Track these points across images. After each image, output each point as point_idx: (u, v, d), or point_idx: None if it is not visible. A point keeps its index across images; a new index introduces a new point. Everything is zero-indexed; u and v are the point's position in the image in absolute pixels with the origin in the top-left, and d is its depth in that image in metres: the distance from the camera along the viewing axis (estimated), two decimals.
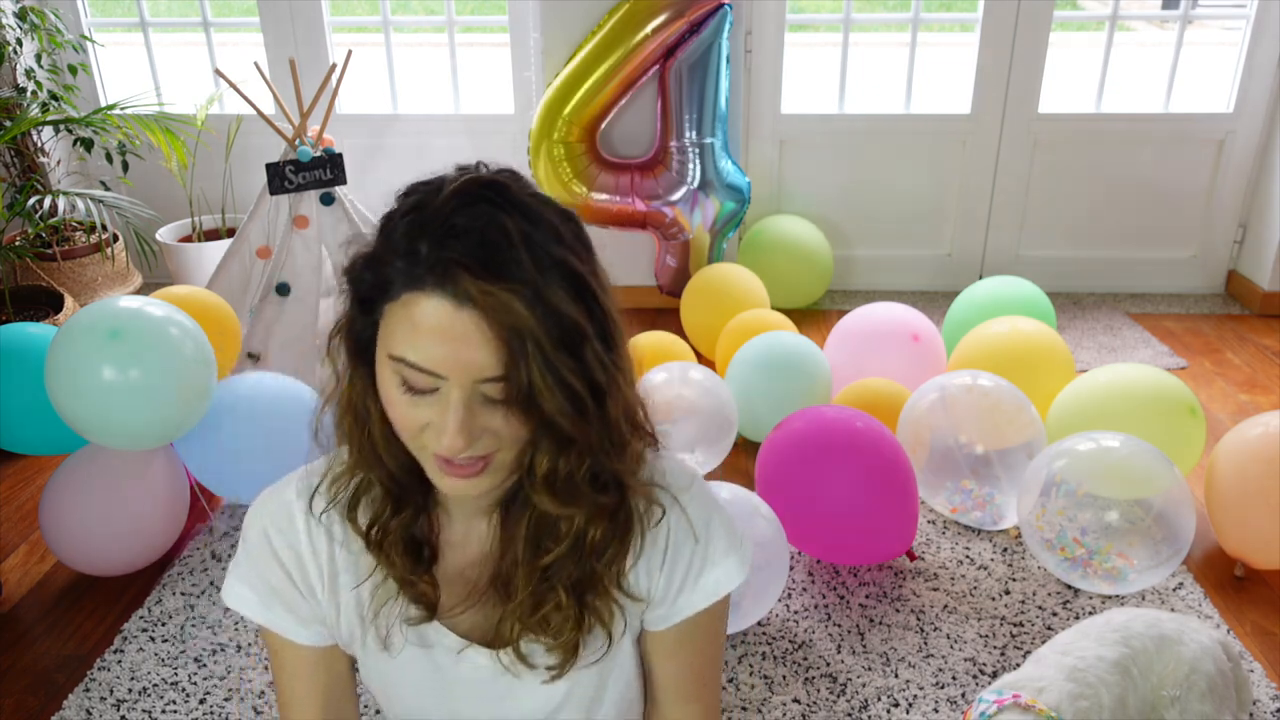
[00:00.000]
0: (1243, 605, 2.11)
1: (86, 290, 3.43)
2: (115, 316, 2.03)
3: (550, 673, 0.94)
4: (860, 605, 2.11)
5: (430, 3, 10.10)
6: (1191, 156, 3.70)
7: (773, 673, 1.92)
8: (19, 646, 2.03)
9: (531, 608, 0.90)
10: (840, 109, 3.77)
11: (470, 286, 0.74)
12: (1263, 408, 2.97)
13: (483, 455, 0.81)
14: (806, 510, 2.09)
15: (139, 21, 3.79)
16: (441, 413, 0.78)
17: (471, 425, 0.78)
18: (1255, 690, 1.87)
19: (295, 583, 0.96)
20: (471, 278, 0.74)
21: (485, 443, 0.80)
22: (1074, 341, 3.44)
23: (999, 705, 1.41)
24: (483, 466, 0.82)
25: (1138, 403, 2.32)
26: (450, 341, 0.76)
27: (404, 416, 0.81)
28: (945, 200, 3.81)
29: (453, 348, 0.76)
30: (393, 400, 0.81)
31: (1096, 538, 2.06)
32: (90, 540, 2.13)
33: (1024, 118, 3.65)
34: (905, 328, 2.81)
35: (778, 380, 2.59)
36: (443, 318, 0.75)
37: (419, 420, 0.80)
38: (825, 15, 4.33)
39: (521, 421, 0.80)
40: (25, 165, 3.45)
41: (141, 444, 2.12)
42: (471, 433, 0.78)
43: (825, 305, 3.77)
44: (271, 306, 2.78)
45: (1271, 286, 3.64)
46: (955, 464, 2.33)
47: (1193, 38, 3.66)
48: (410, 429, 0.82)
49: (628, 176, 3.41)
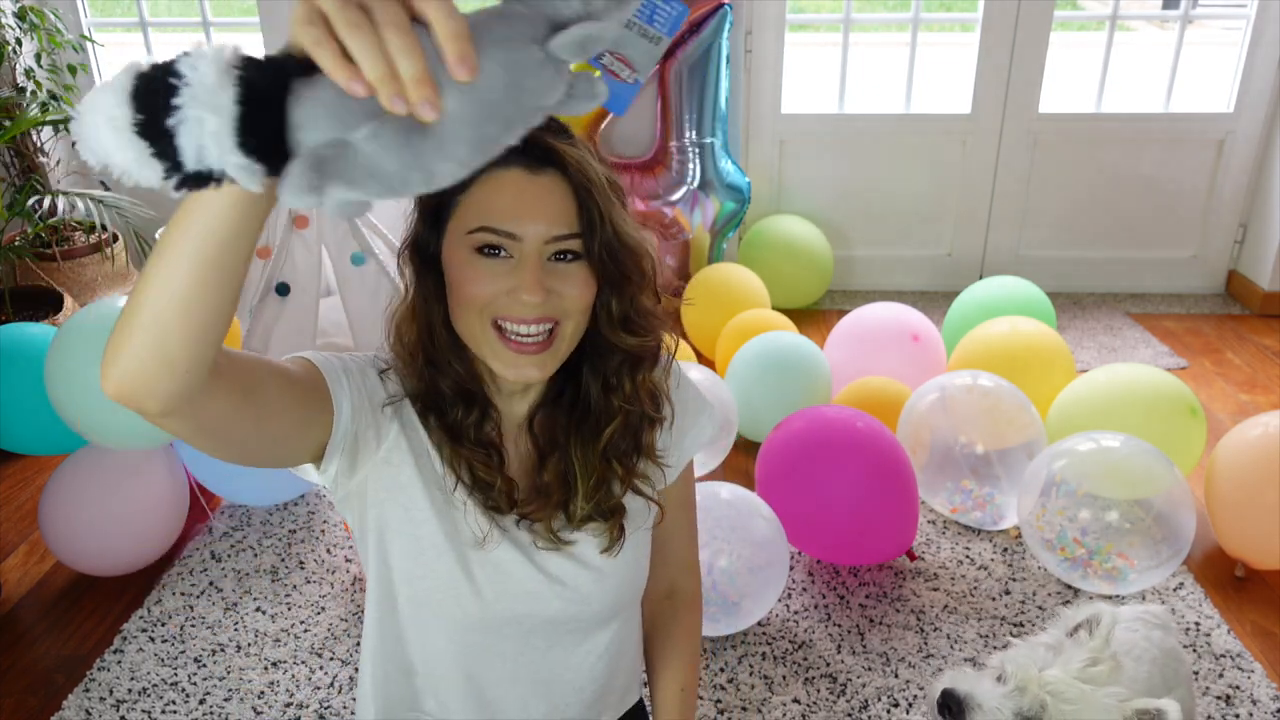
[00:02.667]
0: (1243, 605, 2.11)
1: (86, 290, 3.42)
2: (115, 317, 2.02)
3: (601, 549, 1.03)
4: (860, 605, 2.10)
5: None
6: (1191, 156, 3.70)
7: (773, 673, 1.92)
8: (19, 646, 2.03)
9: (595, 486, 1.00)
10: (840, 109, 3.77)
11: (551, 143, 0.86)
12: (1263, 408, 2.97)
13: (551, 323, 0.90)
14: (806, 510, 2.09)
15: (139, 21, 3.79)
16: (518, 273, 0.87)
17: (546, 281, 0.88)
18: (1255, 690, 1.87)
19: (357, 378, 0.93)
20: (551, 137, 0.87)
21: (553, 305, 0.89)
22: (1074, 341, 3.44)
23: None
24: (548, 341, 0.90)
25: (1138, 403, 2.31)
26: (530, 199, 0.87)
27: (478, 287, 0.88)
28: (945, 200, 3.81)
29: (533, 204, 0.87)
30: (467, 275, 0.89)
31: (1097, 538, 2.06)
32: (90, 540, 2.13)
33: (1024, 117, 3.65)
34: (905, 328, 2.81)
35: (778, 380, 2.59)
36: (521, 182, 0.87)
37: (494, 289, 0.88)
38: (825, 15, 4.33)
39: (586, 283, 0.91)
40: (25, 165, 3.45)
41: (141, 444, 2.12)
42: (545, 287, 0.87)
43: (825, 305, 3.77)
44: (271, 306, 2.77)
45: (1272, 286, 3.64)
46: (955, 464, 2.33)
47: (1193, 38, 3.66)
48: (484, 298, 0.89)
49: (628, 176, 3.41)
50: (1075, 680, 1.09)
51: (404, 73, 0.52)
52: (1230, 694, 1.86)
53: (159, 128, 0.51)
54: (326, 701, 1.86)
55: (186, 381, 0.70)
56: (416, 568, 0.99)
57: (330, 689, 1.89)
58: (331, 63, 0.52)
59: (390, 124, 0.54)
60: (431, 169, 0.56)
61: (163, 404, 0.70)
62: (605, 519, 1.02)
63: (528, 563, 1.02)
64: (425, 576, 1.00)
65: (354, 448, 0.92)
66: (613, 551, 1.03)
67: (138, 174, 0.53)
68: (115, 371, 0.69)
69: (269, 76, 0.53)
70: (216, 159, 0.52)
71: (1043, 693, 1.09)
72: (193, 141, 0.52)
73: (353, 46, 0.52)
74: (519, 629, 1.04)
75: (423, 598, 1.01)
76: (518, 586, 1.02)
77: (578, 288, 0.90)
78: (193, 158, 0.52)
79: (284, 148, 0.54)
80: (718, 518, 1.91)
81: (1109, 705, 1.07)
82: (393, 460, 0.96)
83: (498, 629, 1.03)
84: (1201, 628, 2.03)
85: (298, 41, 0.53)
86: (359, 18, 0.52)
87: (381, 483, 0.97)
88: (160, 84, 0.51)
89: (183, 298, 0.64)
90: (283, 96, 0.53)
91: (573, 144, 0.90)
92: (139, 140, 0.52)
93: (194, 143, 0.52)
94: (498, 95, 0.55)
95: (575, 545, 1.02)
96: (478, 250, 0.88)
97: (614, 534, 1.02)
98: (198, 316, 0.65)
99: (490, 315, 0.89)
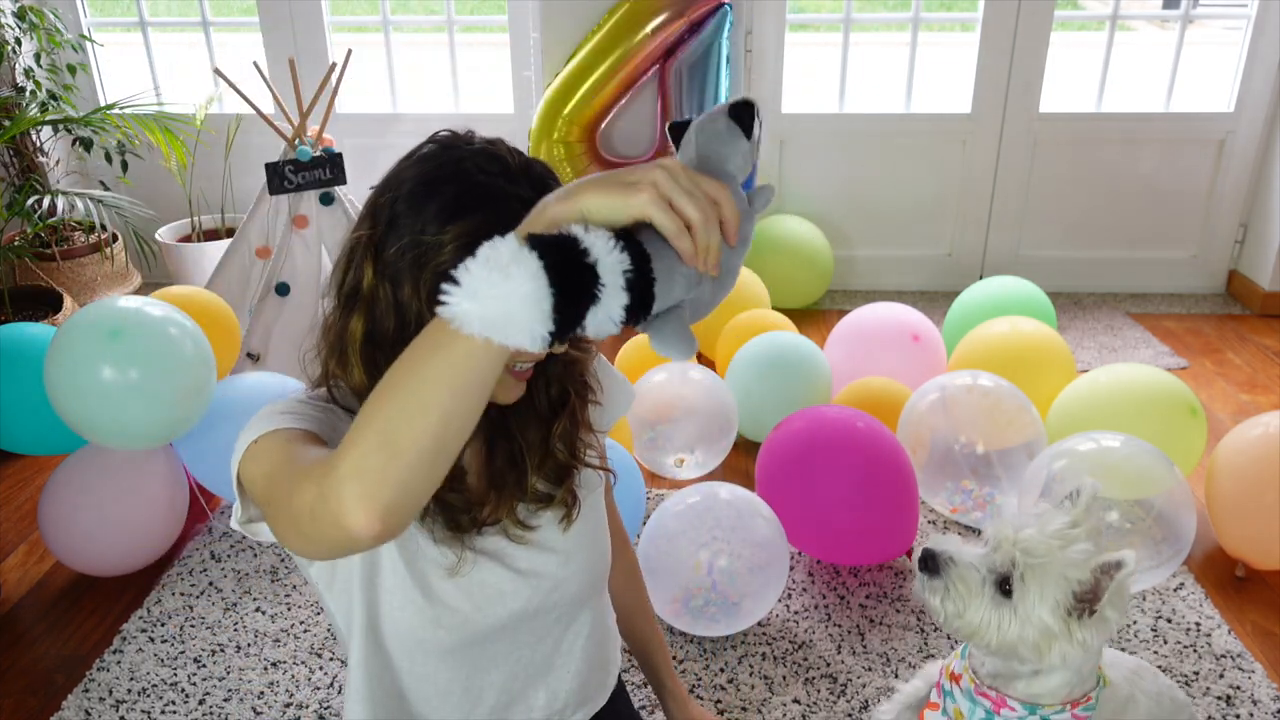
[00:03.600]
0: (1243, 605, 2.11)
1: (86, 290, 3.42)
2: (115, 316, 2.02)
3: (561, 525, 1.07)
4: (860, 605, 2.10)
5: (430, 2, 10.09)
6: (1192, 156, 3.70)
7: (773, 673, 1.92)
8: (18, 647, 2.03)
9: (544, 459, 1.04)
10: (840, 108, 3.77)
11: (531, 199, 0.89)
12: (1263, 408, 2.97)
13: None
14: (806, 510, 2.09)
15: (138, 21, 3.78)
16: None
17: None
18: (1256, 690, 1.87)
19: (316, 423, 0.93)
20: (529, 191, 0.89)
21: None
22: (1074, 341, 3.44)
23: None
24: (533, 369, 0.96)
25: (1138, 403, 2.31)
26: None
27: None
28: (945, 200, 3.81)
29: None
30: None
31: None
32: (89, 540, 2.13)
33: (1024, 118, 3.65)
34: (905, 328, 2.81)
35: (778, 380, 2.59)
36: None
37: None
38: (825, 15, 4.33)
39: None
40: (24, 165, 3.45)
41: (141, 444, 2.12)
42: None
43: (825, 305, 3.77)
44: (271, 306, 2.77)
45: (1272, 286, 3.64)
46: (955, 464, 2.33)
47: (1193, 37, 3.66)
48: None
49: None
50: (1047, 539, 1.14)
51: (714, 246, 0.70)
52: (1231, 694, 1.86)
53: (574, 308, 0.63)
54: (326, 701, 1.86)
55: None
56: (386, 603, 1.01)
57: (330, 689, 1.89)
58: (690, 247, 0.69)
59: (705, 280, 0.74)
60: (709, 307, 0.77)
61: (401, 531, 0.72)
62: (557, 484, 1.06)
63: (497, 566, 1.03)
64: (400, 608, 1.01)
65: None
66: (571, 518, 1.07)
67: (522, 340, 0.63)
68: (387, 505, 0.68)
69: (637, 255, 0.66)
70: (607, 326, 0.65)
71: (1015, 550, 1.14)
72: (598, 316, 0.65)
73: (698, 228, 0.69)
74: (505, 631, 1.06)
75: (403, 631, 1.02)
76: (492, 591, 1.03)
77: None
78: (591, 326, 0.65)
79: (649, 311, 0.68)
80: (718, 518, 1.91)
81: (1076, 560, 1.12)
82: None
83: (483, 639, 1.05)
84: (1202, 628, 2.03)
85: (647, 219, 0.67)
86: (702, 205, 0.69)
87: None
88: (577, 272, 0.63)
89: (461, 429, 0.68)
90: (653, 274, 0.67)
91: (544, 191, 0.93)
92: (551, 315, 0.62)
93: (598, 317, 0.65)
94: (743, 246, 0.76)
95: (539, 530, 1.06)
96: None
97: (568, 500, 1.07)
98: (459, 444, 0.69)
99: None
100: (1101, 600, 1.12)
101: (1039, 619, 1.13)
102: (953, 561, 1.17)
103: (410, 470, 0.67)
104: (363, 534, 0.67)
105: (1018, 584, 1.13)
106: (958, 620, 1.17)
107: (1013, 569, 1.14)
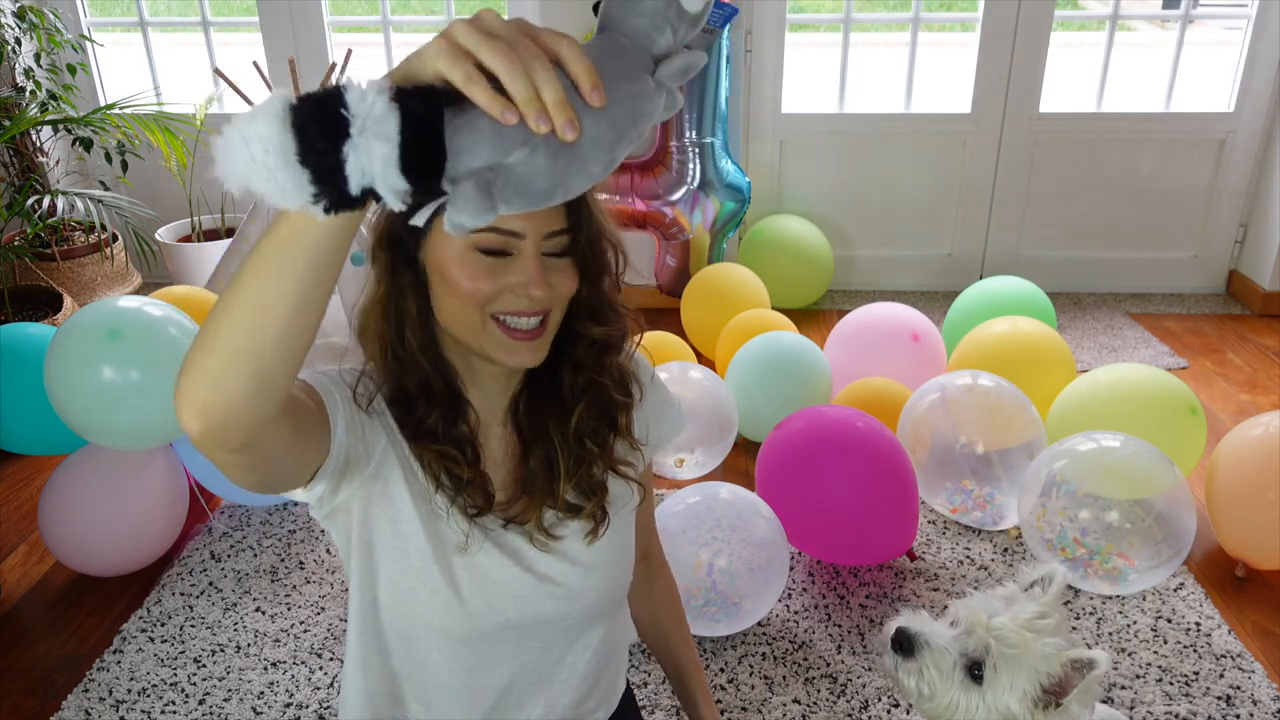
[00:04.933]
0: (1243, 605, 2.11)
1: (85, 290, 3.42)
2: (115, 317, 2.02)
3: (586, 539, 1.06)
4: (860, 605, 2.10)
5: (430, 2, 10.10)
6: (1192, 156, 3.70)
7: (773, 673, 1.91)
8: (18, 647, 2.03)
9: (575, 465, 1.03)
10: (840, 109, 3.77)
11: None
12: (1263, 408, 2.97)
13: (544, 315, 0.94)
14: (806, 510, 2.09)
15: (138, 21, 3.78)
16: (522, 270, 0.91)
17: (546, 276, 0.92)
18: (1256, 690, 1.87)
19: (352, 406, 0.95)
20: None
21: (547, 297, 0.92)
22: (1074, 341, 3.44)
23: None
24: (541, 329, 0.95)
25: (1138, 403, 2.31)
26: None
27: (482, 284, 0.90)
28: (945, 200, 3.81)
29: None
30: (468, 273, 0.90)
31: (1097, 538, 2.05)
32: (89, 540, 2.13)
33: (1024, 118, 3.65)
34: (905, 328, 2.81)
35: (778, 380, 2.59)
36: None
37: (498, 285, 0.91)
38: (825, 15, 4.32)
39: (573, 275, 0.95)
40: (24, 165, 3.45)
41: (141, 444, 2.12)
42: (546, 283, 0.91)
43: (825, 305, 3.77)
44: None
45: (1272, 286, 3.63)
46: (955, 464, 2.33)
47: (1193, 37, 3.66)
48: (486, 294, 0.91)
49: (627, 176, 3.41)
50: (1020, 629, 1.15)
51: (547, 98, 0.59)
52: (1231, 694, 1.86)
53: (320, 155, 0.56)
54: (326, 701, 1.86)
55: (276, 406, 0.71)
56: (404, 580, 0.99)
57: (330, 689, 1.89)
58: (486, 95, 0.59)
59: (539, 147, 0.62)
60: (570, 184, 0.64)
61: (246, 435, 0.71)
62: (588, 498, 1.04)
63: (515, 566, 1.02)
64: (414, 589, 1.00)
65: (344, 466, 0.92)
66: (597, 534, 1.05)
67: (286, 198, 0.58)
68: (203, 403, 0.68)
69: (425, 107, 0.59)
70: (380, 183, 0.58)
71: (989, 637, 1.15)
72: (358, 168, 0.57)
73: (503, 76, 0.59)
74: (513, 633, 1.04)
75: (412, 612, 1.01)
76: (506, 590, 1.02)
77: (567, 280, 0.95)
78: (355, 183, 0.57)
79: (438, 171, 0.60)
80: (718, 518, 1.91)
81: (1047, 654, 1.14)
82: (381, 475, 0.97)
83: (491, 635, 1.03)
84: (1202, 628, 2.03)
85: (440, 74, 0.59)
86: (507, 50, 0.59)
87: (371, 499, 0.97)
88: (325, 114, 0.56)
89: (286, 318, 0.66)
90: (439, 125, 0.59)
91: None
92: (299, 168, 0.56)
93: (359, 169, 0.57)
94: (623, 118, 0.64)
95: (564, 541, 1.05)
96: (479, 249, 0.91)
97: (597, 515, 1.05)
98: (298, 336, 0.67)
99: (491, 310, 0.92)
100: (1069, 695, 1.14)
101: (1006, 707, 1.15)
102: (927, 644, 1.18)
103: (223, 367, 0.67)
104: (189, 432, 0.69)
105: (989, 672, 1.15)
106: (928, 703, 1.19)
107: (986, 655, 1.15)
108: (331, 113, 0.56)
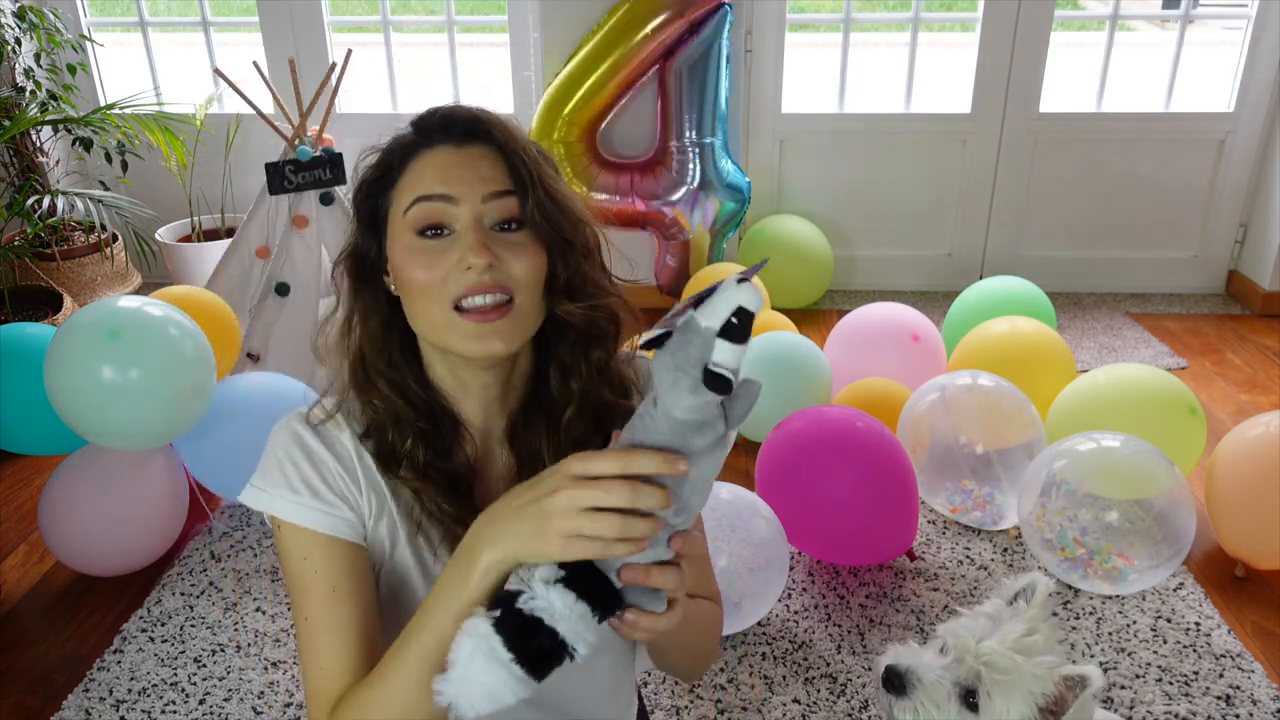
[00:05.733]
0: (1243, 605, 2.11)
1: (85, 290, 3.42)
2: (114, 316, 2.02)
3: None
4: (860, 605, 2.10)
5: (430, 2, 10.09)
6: (1192, 156, 3.70)
7: (773, 673, 1.92)
8: (18, 647, 2.03)
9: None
10: (840, 109, 3.77)
11: (474, 114, 0.90)
12: (1263, 408, 2.97)
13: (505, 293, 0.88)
14: (806, 510, 2.09)
15: (138, 21, 3.78)
16: (461, 240, 0.88)
17: (490, 244, 0.87)
18: (1256, 690, 1.87)
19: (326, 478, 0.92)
20: (472, 114, 0.90)
21: (503, 274, 0.88)
22: (1074, 341, 3.44)
23: None
24: (506, 308, 0.88)
25: (1138, 403, 2.31)
26: (458, 166, 0.88)
27: (429, 270, 0.88)
28: (945, 200, 3.81)
29: (461, 170, 0.88)
30: (416, 261, 0.88)
31: (1097, 538, 2.05)
32: (89, 540, 2.13)
33: (1024, 118, 3.65)
34: (905, 328, 2.81)
35: (778, 380, 2.59)
36: (448, 155, 0.89)
37: (441, 267, 0.88)
38: (825, 15, 4.32)
39: (534, 252, 0.89)
40: (24, 165, 3.45)
41: (141, 444, 2.12)
42: (491, 251, 0.87)
43: (825, 305, 3.77)
44: (271, 307, 2.77)
45: (1272, 286, 3.64)
46: (955, 464, 2.33)
47: (1193, 37, 3.66)
48: (436, 279, 0.88)
49: (628, 176, 3.41)
50: (1009, 650, 1.14)
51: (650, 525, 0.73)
52: (1230, 694, 1.86)
53: (531, 658, 0.70)
54: None
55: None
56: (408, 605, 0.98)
57: None
58: (627, 549, 0.72)
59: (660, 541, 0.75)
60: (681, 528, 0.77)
61: None
62: None
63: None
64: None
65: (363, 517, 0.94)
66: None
67: (511, 695, 0.70)
68: None
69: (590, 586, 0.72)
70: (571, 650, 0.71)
71: (978, 665, 1.14)
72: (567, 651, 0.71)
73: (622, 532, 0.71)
74: None
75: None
76: None
77: (525, 257, 0.89)
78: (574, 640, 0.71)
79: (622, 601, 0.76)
80: (718, 518, 1.91)
81: (1039, 675, 1.12)
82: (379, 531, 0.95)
83: None
84: (1202, 628, 2.03)
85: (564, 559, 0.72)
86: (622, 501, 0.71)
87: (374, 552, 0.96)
88: (524, 623, 0.70)
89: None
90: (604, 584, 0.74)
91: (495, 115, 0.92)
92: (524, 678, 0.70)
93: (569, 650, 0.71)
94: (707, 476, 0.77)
95: None
96: (419, 234, 0.89)
97: None
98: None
99: (449, 298, 0.88)
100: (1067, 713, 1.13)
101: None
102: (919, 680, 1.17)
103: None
104: None
105: (984, 700, 1.14)
106: None
107: (978, 683, 1.14)
108: (535, 630, 0.70)
